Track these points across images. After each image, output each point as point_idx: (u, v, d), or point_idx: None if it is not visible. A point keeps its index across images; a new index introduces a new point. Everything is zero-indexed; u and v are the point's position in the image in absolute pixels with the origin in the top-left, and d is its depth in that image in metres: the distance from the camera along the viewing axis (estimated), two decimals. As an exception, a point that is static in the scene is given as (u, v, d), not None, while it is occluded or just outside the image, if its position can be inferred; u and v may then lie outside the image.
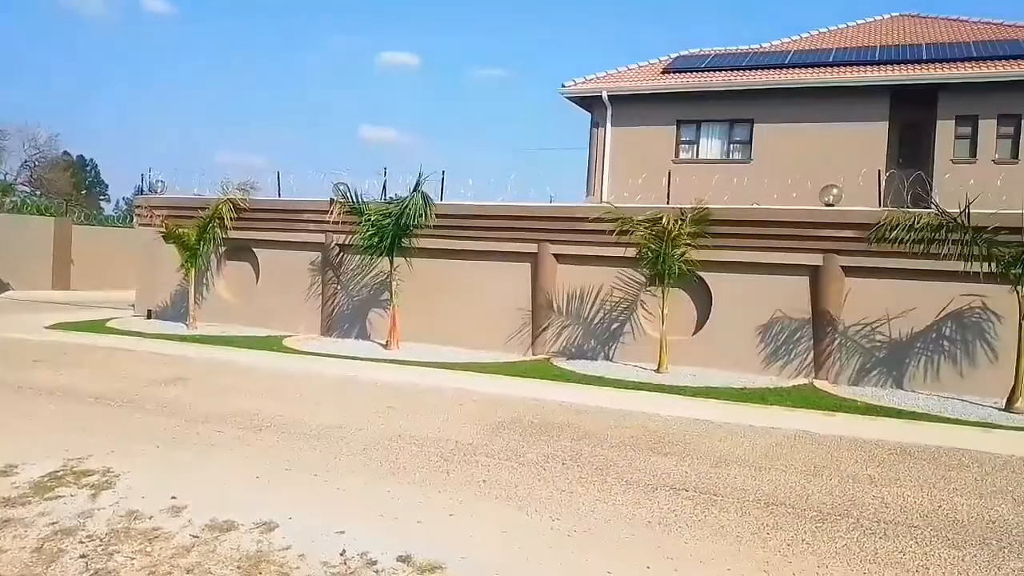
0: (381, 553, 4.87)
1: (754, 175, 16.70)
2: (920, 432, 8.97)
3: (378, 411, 9.01)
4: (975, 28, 20.63)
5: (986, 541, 5.46)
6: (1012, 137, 17.38)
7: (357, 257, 15.71)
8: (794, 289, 12.65)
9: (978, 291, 11.41)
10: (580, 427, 8.53)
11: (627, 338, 13.87)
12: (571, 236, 14.13)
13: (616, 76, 21.16)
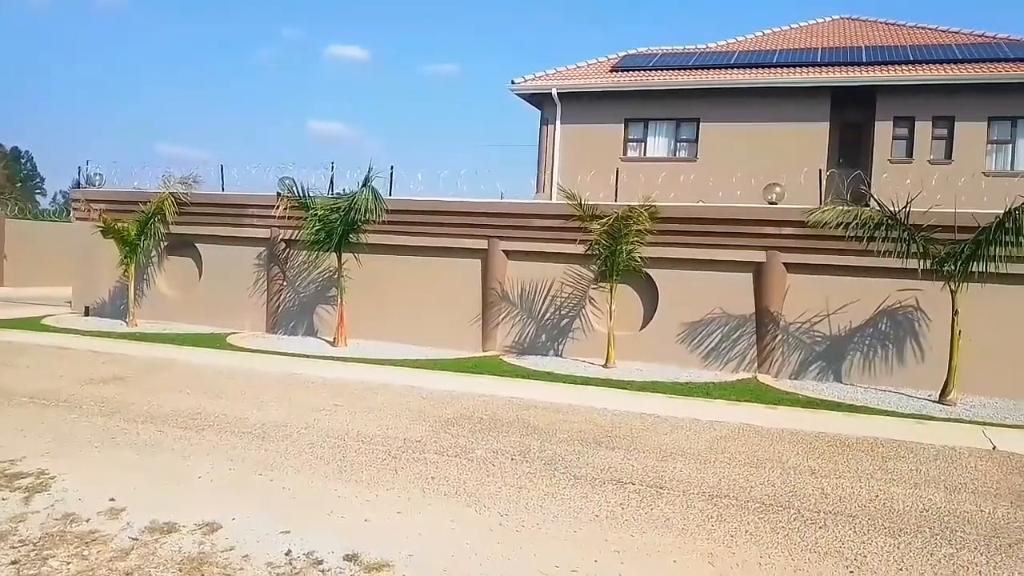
0: (328, 552, 4.81)
1: (700, 173, 16.97)
2: (858, 424, 9.23)
3: (325, 409, 8.90)
4: (912, 32, 21.29)
5: (920, 529, 5.65)
6: (946, 138, 18.00)
7: (304, 253, 15.48)
8: (738, 285, 12.89)
9: (913, 287, 11.80)
10: (529, 423, 8.56)
11: (576, 334, 13.96)
12: (521, 232, 14.16)
13: (565, 73, 21.26)
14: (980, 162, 17.52)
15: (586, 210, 12.87)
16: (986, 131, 17.74)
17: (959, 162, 17.29)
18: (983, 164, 17.54)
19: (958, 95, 17.61)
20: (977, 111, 17.64)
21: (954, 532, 5.60)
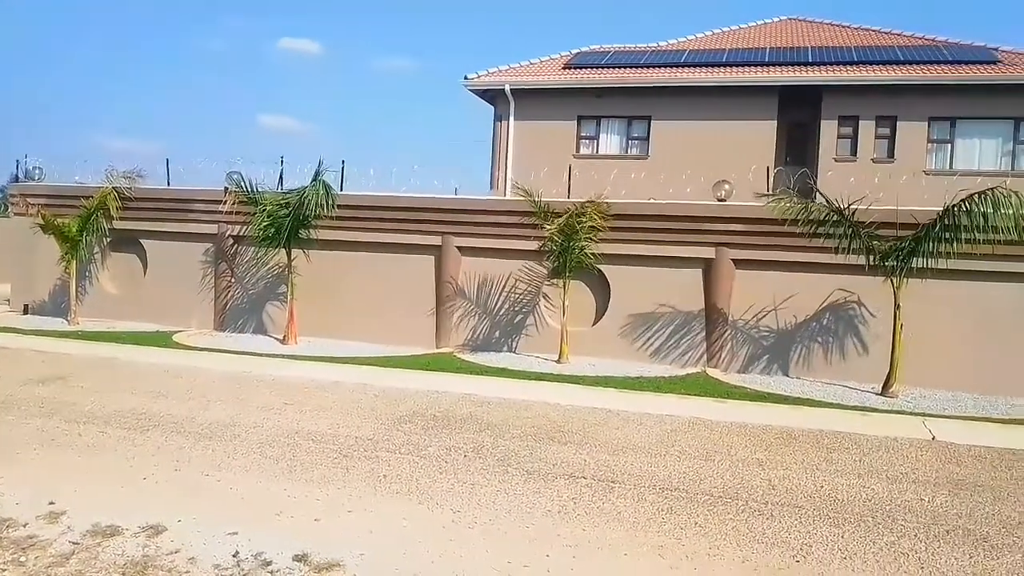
0: (277, 553, 4.75)
1: (651, 170, 17.12)
2: (804, 417, 9.43)
3: (274, 408, 8.76)
4: (856, 33, 21.81)
5: (863, 518, 5.80)
6: (888, 138, 18.49)
7: (253, 249, 15.19)
8: (688, 281, 13.06)
9: (857, 282, 12.10)
10: (483, 419, 8.56)
11: (530, 330, 13.99)
12: (476, 228, 14.12)
13: (519, 70, 21.28)
14: (921, 161, 18.05)
15: (541, 207, 12.90)
16: (926, 131, 18.28)
17: (901, 161, 17.79)
18: (923, 163, 18.07)
19: (900, 96, 18.10)
20: (918, 111, 18.16)
21: (895, 520, 5.77)
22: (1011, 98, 17.48)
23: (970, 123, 18.13)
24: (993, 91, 17.55)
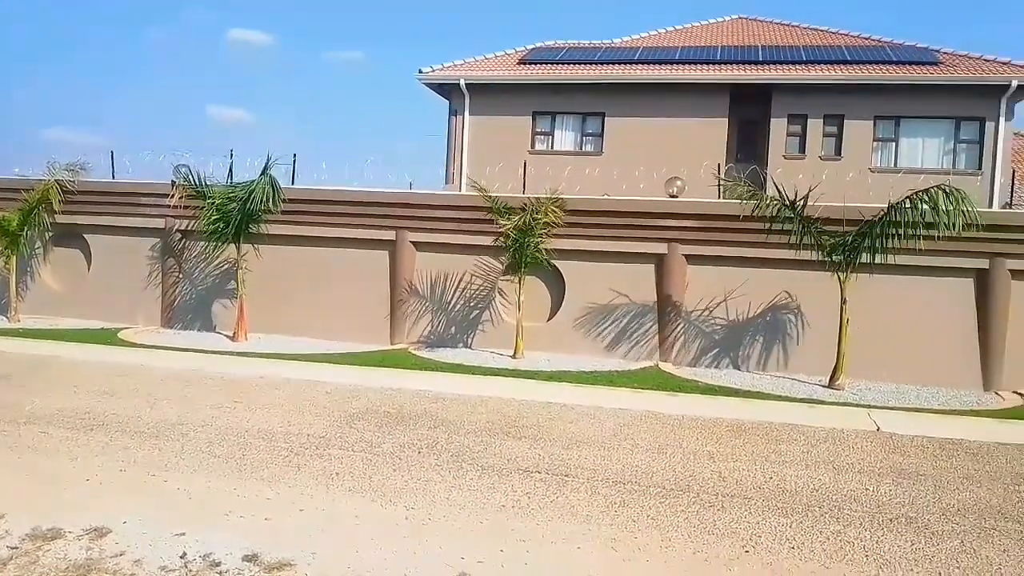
0: (226, 554, 4.66)
1: (605, 167, 17.22)
2: (754, 409, 9.61)
3: (223, 406, 8.59)
4: (805, 33, 22.23)
5: (810, 508, 5.93)
6: (836, 136, 18.89)
7: (201, 244, 14.89)
8: (641, 276, 13.19)
9: (805, 278, 12.35)
10: (437, 415, 8.52)
11: (486, 325, 13.98)
12: (431, 224, 14.05)
13: (474, 64, 21.20)
14: (867, 159, 18.48)
15: (496, 204, 12.87)
16: (872, 130, 18.72)
17: (848, 158, 18.19)
18: (869, 161, 18.50)
19: (847, 95, 18.50)
20: (864, 110, 18.59)
21: (841, 510, 5.91)
22: (951, 99, 18.00)
23: (914, 122, 18.61)
24: (935, 91, 18.05)
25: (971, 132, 18.17)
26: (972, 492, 6.49)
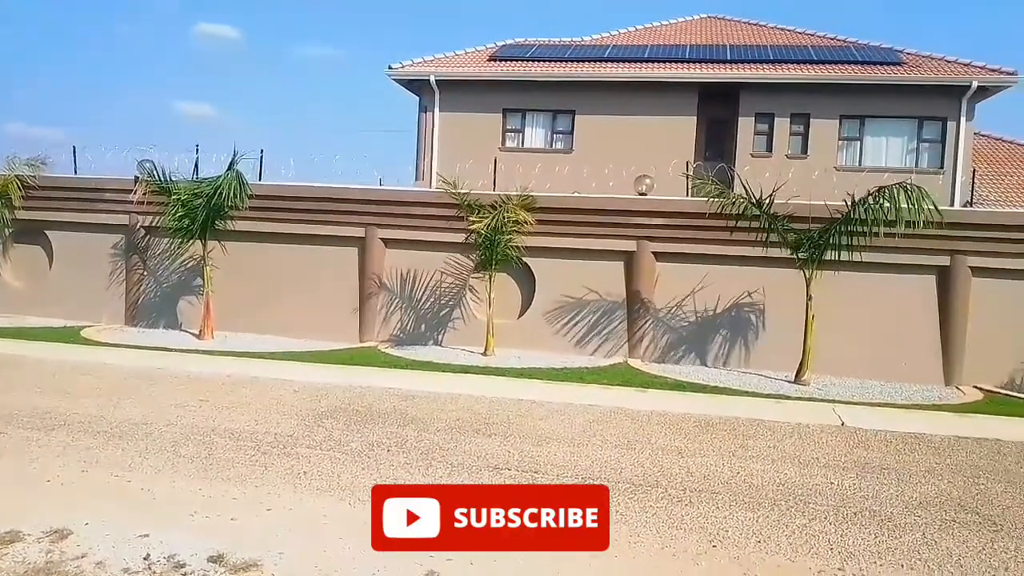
0: (191, 555, 4.60)
1: (575, 164, 17.26)
2: (721, 405, 9.71)
3: (189, 405, 8.47)
4: (772, 33, 22.45)
5: (776, 502, 6.00)
6: (802, 135, 19.12)
7: (166, 240, 14.67)
8: (610, 274, 13.26)
9: (771, 275, 12.51)
10: (407, 413, 8.48)
11: (456, 323, 13.95)
12: (401, 220, 13.98)
13: (444, 60, 21.10)
14: (832, 157, 18.72)
15: (466, 202, 12.82)
16: (838, 129, 18.97)
17: (814, 157, 18.40)
18: (835, 159, 18.74)
19: (813, 94, 18.72)
20: (830, 110, 18.82)
21: (807, 504, 5.99)
22: (914, 99, 18.30)
23: (878, 121, 18.89)
24: (898, 91, 18.34)
25: (933, 132, 18.49)
26: (933, 485, 6.62)
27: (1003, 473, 7.11)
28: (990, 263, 12.14)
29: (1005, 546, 5.31)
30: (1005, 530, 5.61)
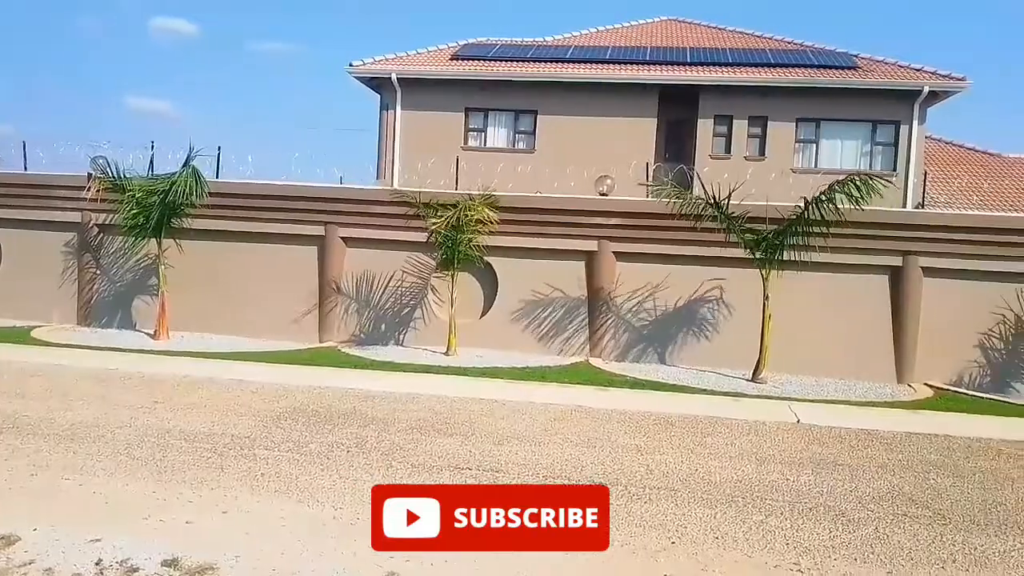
0: (144, 559, 4.51)
1: (537, 164, 17.31)
2: (680, 403, 9.81)
3: (143, 406, 8.30)
4: (730, 36, 22.73)
5: (734, 499, 6.08)
6: (760, 137, 19.39)
7: (120, 239, 14.35)
8: (572, 273, 13.32)
9: (729, 274, 12.69)
10: (367, 413, 8.42)
11: (418, 323, 13.89)
12: (361, 219, 13.87)
13: (406, 59, 20.97)
14: (789, 160, 19.02)
15: (427, 200, 12.74)
16: (794, 131, 19.28)
17: (771, 159, 18.69)
18: (791, 161, 19.05)
19: (770, 97, 19.01)
20: (787, 112, 19.13)
21: (763, 500, 6.08)
22: (868, 102, 18.68)
23: (833, 124, 19.24)
24: (853, 95, 18.70)
25: (887, 135, 18.89)
26: (886, 480, 6.77)
27: (952, 468, 7.30)
28: (941, 263, 12.46)
29: (953, 539, 5.45)
30: (953, 523, 5.76)
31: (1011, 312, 12.31)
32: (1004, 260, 12.23)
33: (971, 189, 19.04)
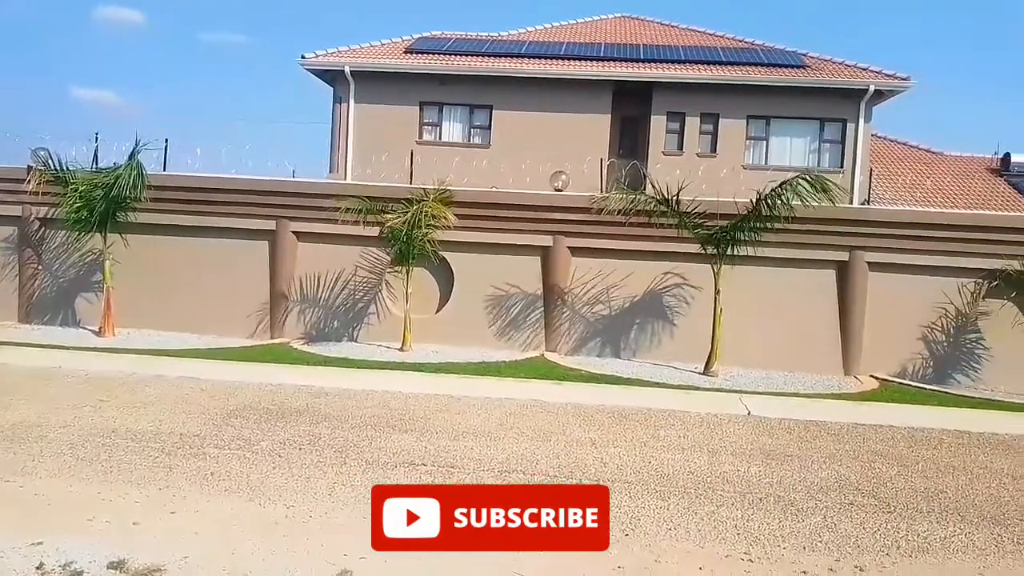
0: (89, 562, 4.39)
1: (493, 159, 17.29)
2: (634, 396, 9.91)
3: (88, 405, 8.07)
4: (683, 33, 22.99)
5: (686, 490, 6.17)
6: (711, 134, 19.66)
7: (64, 233, 13.93)
8: (527, 268, 13.34)
9: (682, 270, 12.85)
10: (320, 410, 8.32)
11: (372, 318, 13.77)
12: (313, 214, 13.67)
13: (359, 52, 20.74)
14: (740, 156, 19.33)
15: (375, 206, 12.56)
16: (745, 128, 19.60)
17: (722, 156, 18.96)
18: (742, 158, 19.37)
19: (722, 94, 19.28)
20: (738, 110, 19.42)
21: (715, 491, 6.18)
22: (816, 101, 19.07)
23: (782, 122, 19.60)
24: (801, 93, 19.07)
25: (834, 132, 19.31)
26: (834, 470, 6.94)
27: (896, 457, 7.51)
28: (886, 258, 12.79)
29: (897, 526, 5.60)
30: (898, 511, 5.93)
31: (952, 306, 12.70)
32: (946, 255, 12.61)
33: (915, 186, 19.58)
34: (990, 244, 12.49)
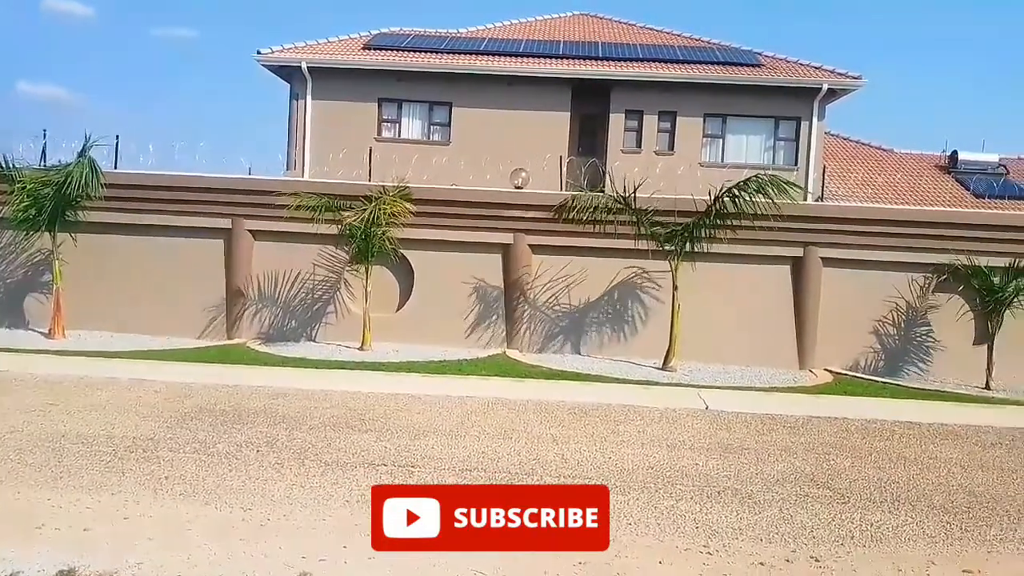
0: (37, 571, 4.28)
1: (452, 156, 17.21)
2: (594, 392, 9.97)
3: (36, 409, 7.84)
4: (641, 32, 23.16)
5: (646, 485, 6.22)
6: (669, 132, 19.84)
7: (10, 233, 13.51)
8: (488, 266, 13.32)
9: (641, 266, 12.96)
10: (277, 411, 8.21)
11: (331, 317, 13.62)
12: (269, 211, 13.44)
13: (316, 48, 20.49)
14: (697, 154, 19.55)
15: (333, 203, 12.44)
16: (702, 126, 19.83)
17: (680, 153, 19.15)
18: (699, 156, 19.59)
19: (679, 93, 19.46)
20: (695, 108, 19.63)
21: (674, 485, 6.24)
22: (771, 99, 19.37)
23: (738, 120, 19.87)
24: (757, 92, 19.35)
25: (788, 131, 19.64)
26: (789, 463, 7.06)
27: (850, 449, 7.67)
28: (839, 254, 13.04)
29: (852, 516, 5.72)
30: (852, 502, 6.05)
31: (903, 300, 13.01)
32: (897, 251, 12.90)
33: (866, 183, 20.01)
34: (939, 240, 12.82)
